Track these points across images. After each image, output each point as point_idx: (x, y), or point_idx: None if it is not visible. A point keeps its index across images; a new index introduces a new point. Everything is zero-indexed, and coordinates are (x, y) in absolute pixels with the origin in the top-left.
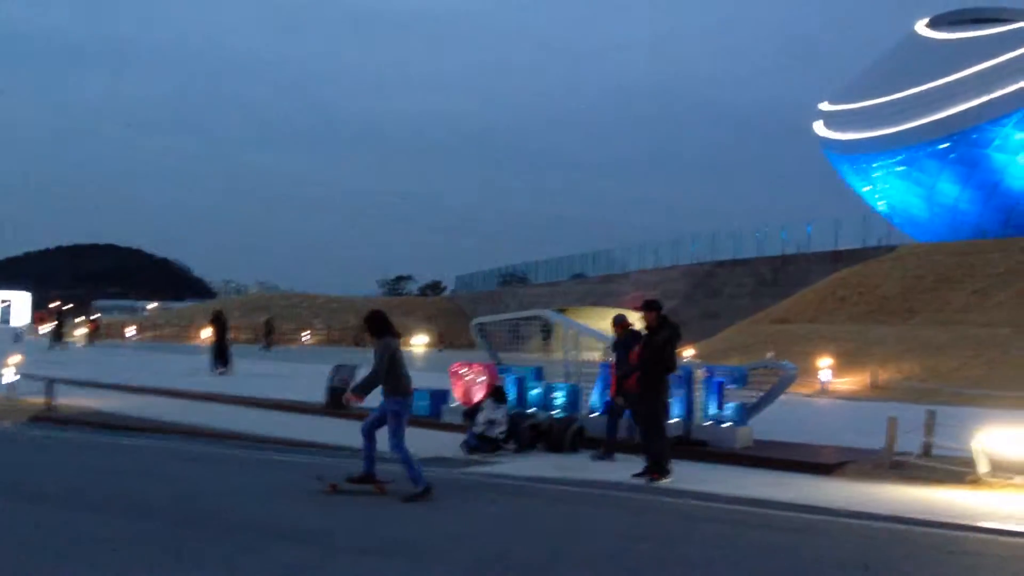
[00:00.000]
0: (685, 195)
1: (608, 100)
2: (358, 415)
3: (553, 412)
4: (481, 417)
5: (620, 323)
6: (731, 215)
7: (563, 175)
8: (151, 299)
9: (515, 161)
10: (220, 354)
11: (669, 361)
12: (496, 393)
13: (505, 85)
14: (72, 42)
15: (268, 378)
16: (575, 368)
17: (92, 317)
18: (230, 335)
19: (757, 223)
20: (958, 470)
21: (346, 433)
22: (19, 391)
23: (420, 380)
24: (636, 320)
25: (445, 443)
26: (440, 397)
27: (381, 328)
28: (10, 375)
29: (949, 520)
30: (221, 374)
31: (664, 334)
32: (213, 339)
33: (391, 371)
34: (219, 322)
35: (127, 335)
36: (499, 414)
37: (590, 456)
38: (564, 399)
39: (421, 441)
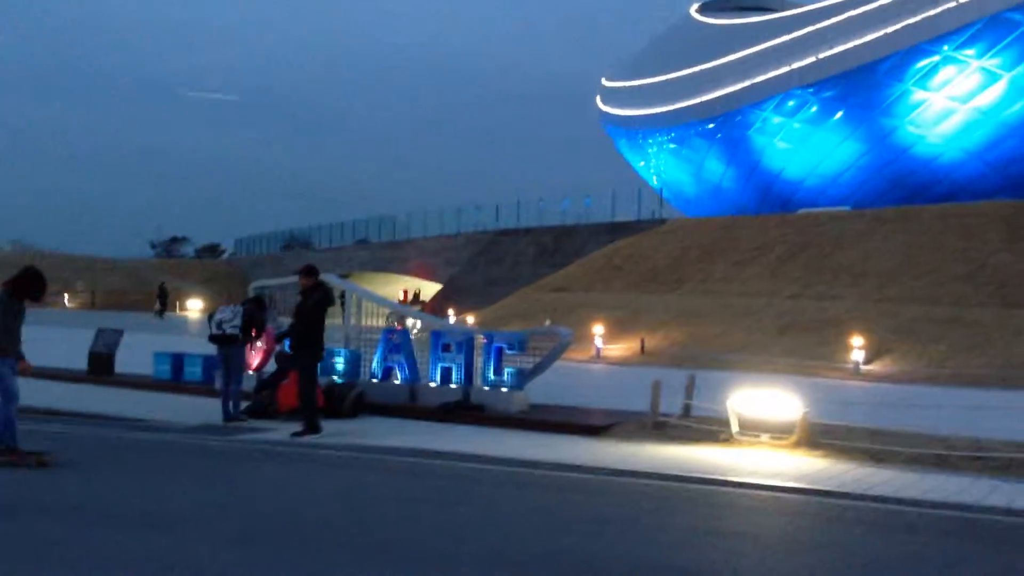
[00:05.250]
0: (469, 164)
1: (395, 69)
2: (127, 382)
3: (333, 377)
4: (214, 321)
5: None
6: (515, 185)
7: (348, 138)
8: None
9: (297, 121)
10: None
11: (318, 324)
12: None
13: (282, 41)
14: None
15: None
16: (356, 333)
17: None
18: None
19: (539, 194)
20: (713, 429)
21: (108, 400)
22: None
23: (195, 347)
24: (416, 287)
25: (217, 410)
26: (214, 363)
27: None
28: None
29: (702, 475)
30: None
31: (315, 297)
32: None
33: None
34: None
35: None
36: (228, 314)
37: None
38: (345, 365)
39: (191, 408)
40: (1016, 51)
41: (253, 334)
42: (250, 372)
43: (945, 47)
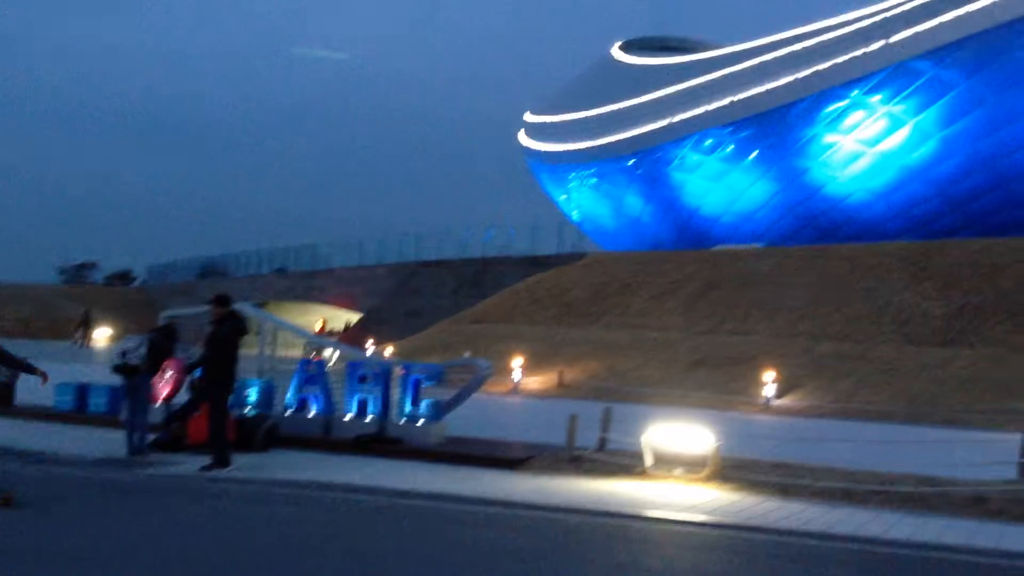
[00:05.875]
0: (391, 194)
1: (316, 95)
2: (27, 413)
3: (245, 409)
4: (116, 350)
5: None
6: (436, 217)
7: (268, 165)
8: None
9: (215, 147)
10: None
11: (230, 354)
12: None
13: (206, 66)
14: None
15: None
16: (270, 364)
17: None
18: None
19: (461, 224)
20: (628, 463)
21: (6, 432)
22: None
23: (103, 377)
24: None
25: (123, 443)
26: (120, 394)
27: None
28: None
29: (617, 510)
30: None
31: (227, 326)
32: None
33: None
34: None
35: None
36: (132, 343)
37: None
38: (257, 396)
39: (95, 441)
40: (919, 99)
41: (160, 364)
42: (157, 404)
43: (854, 92)
